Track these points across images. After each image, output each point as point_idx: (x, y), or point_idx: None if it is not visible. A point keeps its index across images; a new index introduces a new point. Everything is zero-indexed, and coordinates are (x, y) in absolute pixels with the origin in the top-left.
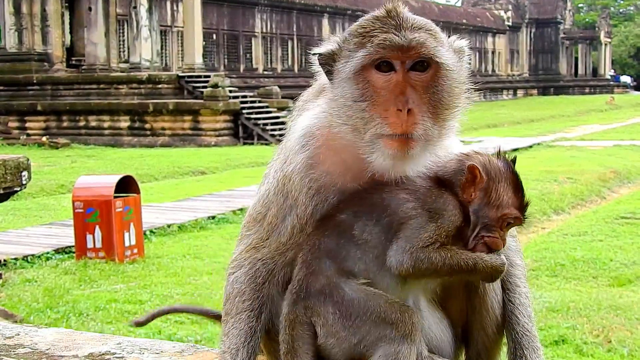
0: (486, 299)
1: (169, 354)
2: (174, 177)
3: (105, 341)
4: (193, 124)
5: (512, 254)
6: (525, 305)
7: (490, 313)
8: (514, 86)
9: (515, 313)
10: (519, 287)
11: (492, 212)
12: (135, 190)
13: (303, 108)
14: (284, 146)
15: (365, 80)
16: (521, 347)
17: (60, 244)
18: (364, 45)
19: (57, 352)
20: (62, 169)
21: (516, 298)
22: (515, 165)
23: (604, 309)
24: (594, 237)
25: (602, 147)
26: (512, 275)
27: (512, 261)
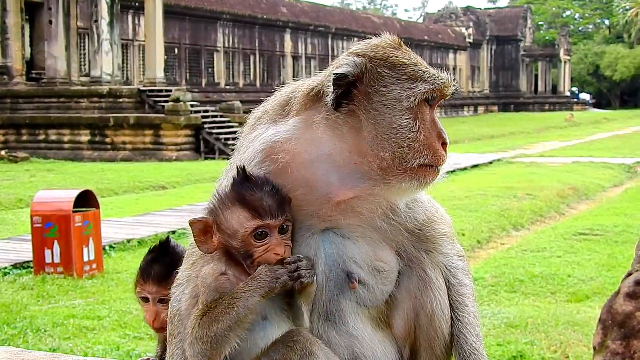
0: (434, 318)
1: None
2: (134, 192)
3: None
4: (154, 138)
5: (460, 273)
6: (474, 324)
7: (439, 332)
8: (474, 102)
9: (464, 332)
10: (467, 307)
11: (236, 242)
12: (94, 205)
13: (258, 124)
14: (237, 160)
15: (417, 111)
16: None
17: (18, 259)
18: (422, 78)
19: None
20: (20, 183)
21: (464, 317)
22: (244, 175)
23: (561, 324)
24: (552, 253)
25: (561, 164)
26: (461, 294)
27: (460, 280)
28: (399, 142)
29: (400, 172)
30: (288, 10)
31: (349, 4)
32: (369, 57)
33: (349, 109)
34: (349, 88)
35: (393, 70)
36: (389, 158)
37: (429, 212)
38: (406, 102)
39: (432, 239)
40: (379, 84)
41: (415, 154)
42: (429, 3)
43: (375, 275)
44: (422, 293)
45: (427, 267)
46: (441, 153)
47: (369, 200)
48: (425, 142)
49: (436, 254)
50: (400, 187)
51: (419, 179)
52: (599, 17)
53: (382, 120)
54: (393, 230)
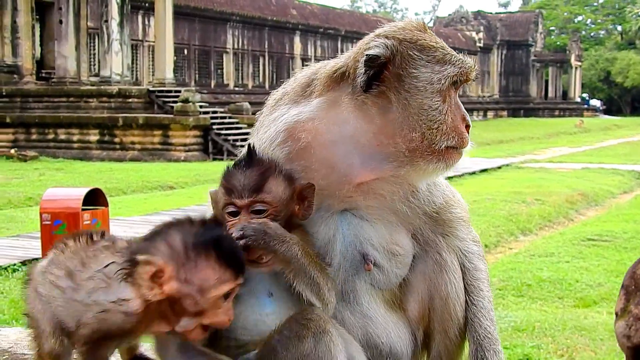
0: (449, 301)
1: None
2: (142, 192)
3: None
4: (163, 139)
5: (475, 258)
6: (488, 308)
7: (453, 316)
8: (484, 107)
9: (478, 316)
10: (482, 291)
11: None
12: (103, 203)
13: (278, 104)
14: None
15: (447, 94)
16: (483, 350)
17: (27, 255)
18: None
19: (20, 350)
20: (30, 182)
21: (479, 301)
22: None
23: (568, 329)
24: (560, 258)
25: (570, 170)
26: (476, 278)
27: (475, 265)
28: (429, 124)
29: (428, 154)
30: (298, 13)
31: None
32: (398, 40)
33: (379, 91)
34: (380, 69)
35: (423, 53)
36: (418, 139)
37: (446, 196)
38: (437, 85)
39: (449, 222)
40: (410, 66)
41: (444, 136)
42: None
43: (390, 259)
44: (437, 276)
45: (443, 251)
46: (466, 135)
47: (391, 183)
48: (453, 124)
49: (452, 238)
50: (427, 169)
51: (446, 161)
52: (611, 23)
53: (413, 101)
54: (411, 213)
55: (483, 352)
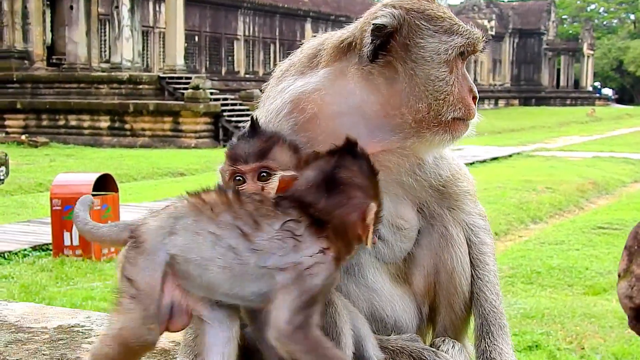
0: (454, 275)
1: None
2: (152, 178)
3: (75, 315)
4: (173, 125)
5: (482, 232)
6: (494, 282)
7: (458, 289)
8: (495, 96)
9: (484, 290)
10: (488, 265)
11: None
12: (113, 189)
13: (285, 76)
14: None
15: (453, 64)
16: (488, 324)
17: (38, 241)
18: (458, 32)
19: (26, 324)
20: (40, 168)
21: (485, 275)
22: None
23: (578, 316)
24: (570, 246)
25: (581, 158)
26: (482, 252)
27: (481, 239)
28: (436, 94)
29: (434, 125)
30: (309, 0)
31: None
32: (405, 10)
33: (386, 61)
34: (387, 39)
35: (430, 23)
36: (425, 110)
37: (453, 169)
38: (444, 55)
39: (455, 196)
40: (417, 35)
41: (450, 107)
42: None
43: (395, 232)
44: (443, 250)
45: (449, 225)
46: (473, 107)
47: (397, 154)
48: (459, 95)
49: (458, 211)
50: (434, 140)
51: (452, 132)
52: (624, 11)
53: (420, 72)
54: (417, 186)
55: (488, 326)
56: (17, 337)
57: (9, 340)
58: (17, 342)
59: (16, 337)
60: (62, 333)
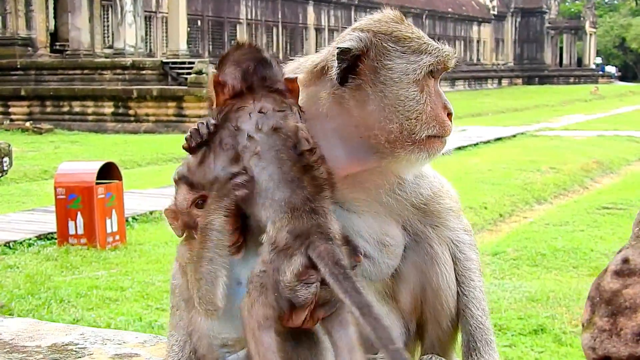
0: (440, 292)
1: (132, 344)
2: (157, 164)
3: (69, 332)
4: (177, 110)
5: (467, 247)
6: (480, 299)
7: (445, 306)
8: (498, 75)
9: (470, 307)
10: (474, 281)
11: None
12: (117, 177)
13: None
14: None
15: (423, 83)
16: (475, 340)
17: (42, 230)
18: (427, 51)
19: (21, 342)
20: (45, 155)
21: (470, 292)
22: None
23: (583, 299)
24: (575, 227)
25: (585, 137)
26: (467, 269)
27: (466, 255)
28: (407, 114)
29: (408, 144)
30: None
31: None
32: (373, 32)
33: (356, 84)
34: (355, 63)
35: (398, 44)
36: (397, 130)
37: (434, 187)
38: (412, 75)
39: (438, 213)
40: (385, 57)
41: (424, 125)
42: None
43: (381, 250)
44: (429, 268)
45: (434, 242)
46: (448, 123)
47: (376, 174)
48: (432, 113)
49: (442, 228)
50: (409, 159)
51: (428, 150)
52: None
53: (389, 93)
54: (399, 205)
55: (475, 342)
56: (11, 357)
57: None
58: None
59: (10, 357)
60: (56, 352)
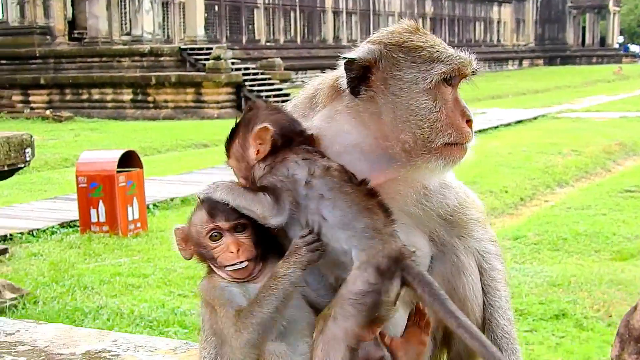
0: (466, 302)
1: (163, 351)
2: (177, 150)
3: (102, 338)
4: (195, 97)
5: (493, 258)
6: (505, 308)
7: (471, 316)
8: (519, 56)
9: (495, 316)
10: (499, 291)
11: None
12: (137, 165)
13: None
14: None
15: (436, 92)
16: (500, 349)
17: (65, 218)
18: (439, 60)
19: (56, 350)
20: (65, 143)
21: (496, 301)
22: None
23: (605, 283)
24: (597, 210)
25: (608, 119)
26: (493, 279)
27: (492, 265)
28: (419, 123)
29: (424, 153)
30: None
31: None
32: (384, 44)
33: (368, 96)
34: (366, 75)
35: (408, 54)
36: (410, 140)
37: (460, 198)
38: (423, 84)
39: (464, 224)
40: (395, 68)
41: (439, 133)
42: None
43: None
44: (455, 278)
45: (460, 253)
46: (466, 130)
47: (401, 184)
48: (448, 121)
49: (468, 239)
50: (427, 167)
51: (445, 158)
52: None
53: (399, 103)
54: (425, 216)
55: (500, 352)
56: None
57: None
58: None
59: None
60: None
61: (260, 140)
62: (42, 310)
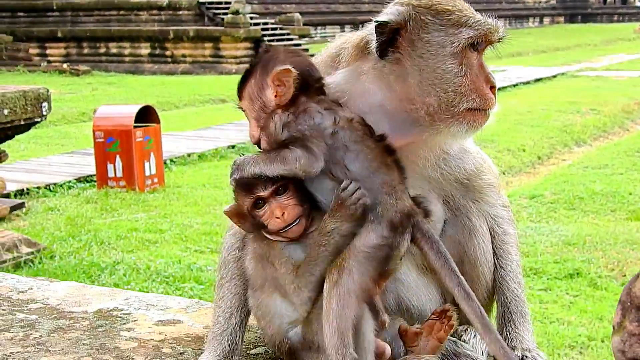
0: (477, 265)
1: (174, 310)
2: (194, 105)
3: (113, 296)
4: (214, 51)
5: (505, 222)
6: (516, 272)
7: (482, 279)
8: (540, 13)
9: (506, 279)
10: (511, 255)
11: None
12: (155, 120)
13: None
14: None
15: (462, 56)
16: (510, 312)
17: (82, 172)
18: (467, 24)
19: (68, 308)
20: (82, 97)
21: (507, 265)
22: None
23: (620, 243)
24: (614, 170)
25: (627, 78)
26: (504, 242)
27: (504, 229)
28: (444, 87)
29: (447, 117)
30: None
31: None
32: (413, 6)
33: (395, 58)
34: (394, 36)
35: (437, 17)
36: (435, 104)
37: (477, 163)
38: (450, 48)
39: (480, 188)
40: (422, 31)
41: (463, 98)
42: None
43: None
44: (467, 241)
45: (473, 216)
46: (490, 97)
47: (422, 148)
48: (472, 86)
49: (482, 203)
50: (449, 132)
51: (467, 123)
52: None
53: (426, 66)
54: (443, 180)
55: (510, 314)
56: (58, 324)
57: (52, 328)
58: (58, 331)
59: (58, 324)
60: (102, 318)
61: (280, 82)
62: (58, 265)
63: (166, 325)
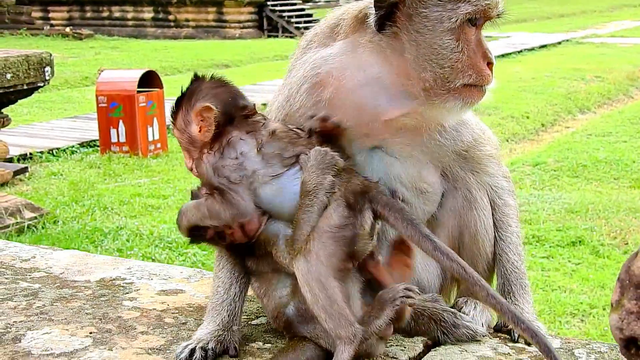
0: (477, 237)
1: (177, 280)
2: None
3: (116, 265)
4: (217, 16)
5: (505, 194)
6: (516, 244)
7: (482, 251)
8: None
9: (506, 251)
10: (511, 227)
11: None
12: (158, 85)
13: (309, 47)
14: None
15: (460, 32)
16: (510, 284)
17: (85, 137)
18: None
19: (70, 277)
20: (85, 61)
21: (508, 237)
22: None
23: (623, 211)
24: (618, 137)
25: (632, 45)
26: (505, 214)
27: (505, 201)
28: (441, 62)
29: (443, 92)
30: None
31: None
32: None
33: (392, 32)
34: (392, 10)
35: None
36: (430, 79)
37: (475, 134)
38: (447, 23)
39: (478, 159)
40: (420, 5)
41: (459, 74)
42: None
43: (419, 196)
44: (467, 213)
45: (473, 188)
46: (486, 73)
47: (417, 120)
48: (469, 62)
49: (482, 174)
50: (445, 107)
51: (463, 99)
52: None
53: (423, 41)
54: (440, 151)
55: (510, 286)
56: (61, 293)
57: (54, 297)
58: (61, 300)
59: (60, 293)
60: (104, 287)
61: (202, 117)
62: (61, 230)
63: (168, 295)
